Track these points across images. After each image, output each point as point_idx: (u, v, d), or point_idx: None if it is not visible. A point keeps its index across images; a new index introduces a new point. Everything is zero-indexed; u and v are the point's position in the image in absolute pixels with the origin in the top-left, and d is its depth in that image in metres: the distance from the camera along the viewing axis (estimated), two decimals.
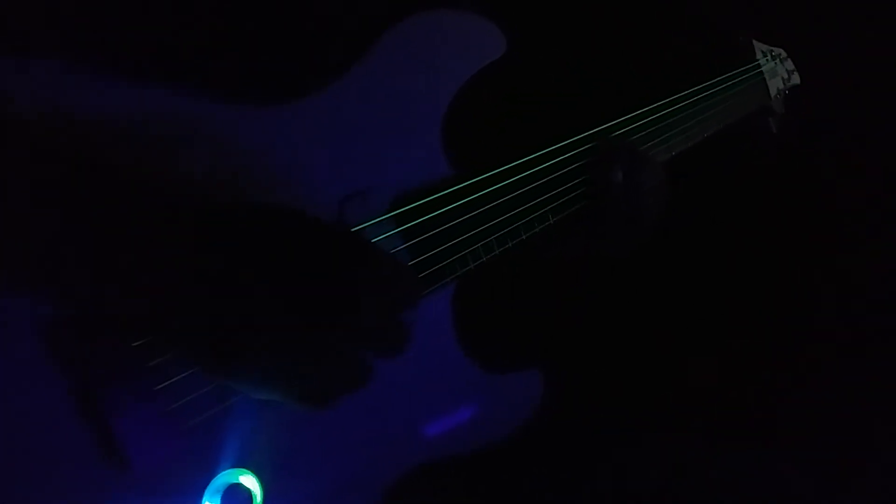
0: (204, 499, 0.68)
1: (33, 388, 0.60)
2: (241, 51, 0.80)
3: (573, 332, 1.22)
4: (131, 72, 0.66)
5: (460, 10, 0.88)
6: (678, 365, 1.34)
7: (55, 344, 0.60)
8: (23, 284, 0.57)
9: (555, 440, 1.05)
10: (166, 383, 0.65)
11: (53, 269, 0.56)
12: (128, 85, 0.66)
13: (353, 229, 0.77)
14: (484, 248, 0.88)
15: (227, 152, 0.72)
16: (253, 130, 0.74)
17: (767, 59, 1.38)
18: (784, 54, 1.44)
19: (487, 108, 0.96)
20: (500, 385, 0.91)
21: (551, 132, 0.96)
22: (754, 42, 1.37)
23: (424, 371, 0.84)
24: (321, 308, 0.60)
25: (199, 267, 0.58)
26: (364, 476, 0.80)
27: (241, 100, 0.73)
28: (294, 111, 0.77)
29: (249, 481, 0.70)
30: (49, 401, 0.60)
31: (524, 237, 0.91)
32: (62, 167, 0.57)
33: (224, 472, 0.69)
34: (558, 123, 0.99)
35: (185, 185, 0.64)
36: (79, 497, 0.61)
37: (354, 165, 0.80)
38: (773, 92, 1.38)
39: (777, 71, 1.40)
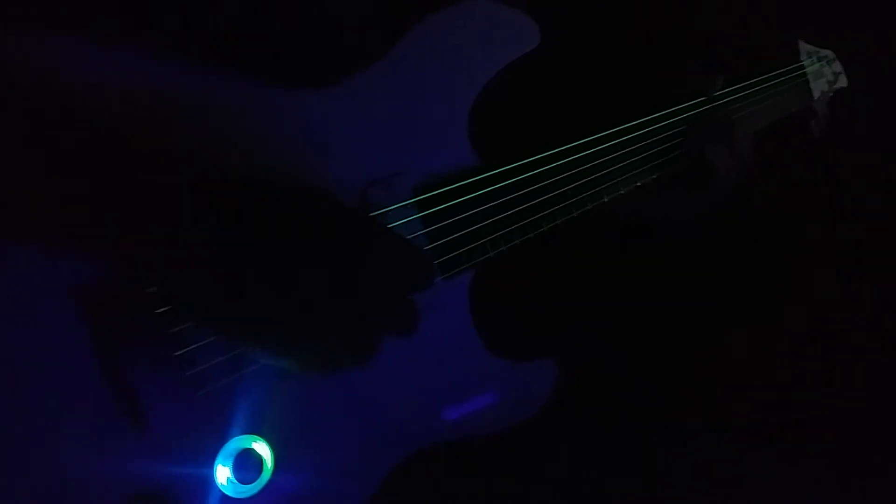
0: (216, 462, 0.71)
1: (62, 349, 0.63)
2: (276, 35, 0.82)
3: (589, 325, 1.23)
4: (174, 52, 0.69)
5: (495, 1, 0.89)
6: (698, 358, 1.33)
7: (85, 308, 0.64)
8: (58, 248, 0.61)
9: (562, 431, 1.06)
10: (185, 350, 0.68)
11: (86, 235, 0.60)
12: (173, 65, 0.69)
13: (374, 213, 0.79)
14: (504, 237, 0.89)
15: (257, 133, 0.74)
16: (285, 114, 0.76)
17: (813, 61, 1.36)
18: (832, 56, 1.41)
19: (517, 100, 0.96)
20: (513, 373, 0.92)
21: (578, 126, 0.96)
22: (800, 43, 1.35)
23: (439, 354, 0.86)
24: (331, 282, 0.63)
25: (220, 238, 0.61)
26: (372, 451, 0.82)
27: (275, 84, 0.75)
28: (326, 96, 0.79)
29: (262, 448, 0.73)
30: (75, 362, 0.64)
31: (544, 228, 0.92)
32: (98, 138, 0.60)
33: (237, 438, 0.72)
34: (586, 118, 0.99)
35: (213, 161, 0.67)
36: (98, 454, 0.65)
37: (381, 152, 0.82)
38: (816, 94, 1.35)
39: (822, 73, 1.38)
